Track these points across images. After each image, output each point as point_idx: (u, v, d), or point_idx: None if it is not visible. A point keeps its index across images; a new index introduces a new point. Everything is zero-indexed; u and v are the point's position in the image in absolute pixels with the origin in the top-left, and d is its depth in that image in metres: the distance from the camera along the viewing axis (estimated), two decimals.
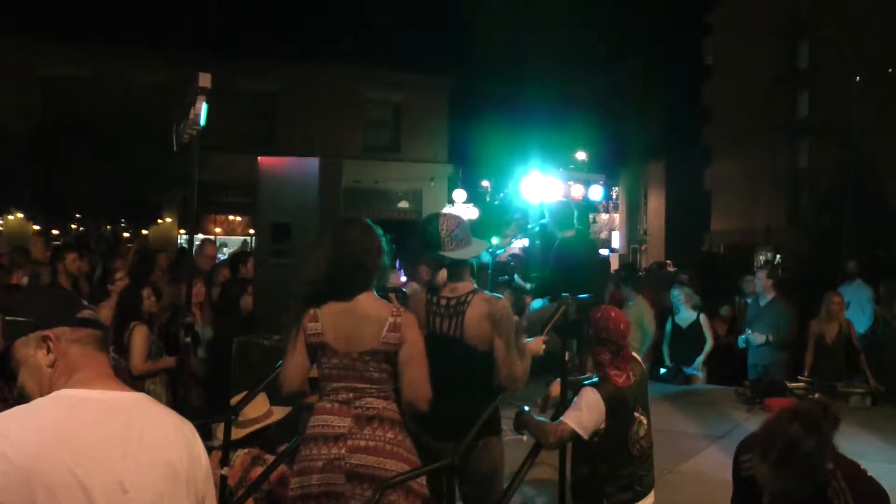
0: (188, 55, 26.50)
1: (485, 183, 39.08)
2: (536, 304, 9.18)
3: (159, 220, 27.56)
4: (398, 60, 30.68)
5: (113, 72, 29.15)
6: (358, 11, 30.50)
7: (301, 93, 30.94)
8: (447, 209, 29.22)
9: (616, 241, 58.11)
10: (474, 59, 34.28)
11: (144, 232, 28.06)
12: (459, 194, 31.06)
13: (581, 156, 46.67)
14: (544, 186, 16.01)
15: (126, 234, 27.25)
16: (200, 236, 23.76)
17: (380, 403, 3.91)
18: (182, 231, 29.99)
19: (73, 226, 26.98)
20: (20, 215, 26.80)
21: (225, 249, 26.97)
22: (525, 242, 15.97)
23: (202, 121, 5.93)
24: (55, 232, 26.65)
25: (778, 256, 34.98)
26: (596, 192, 17.55)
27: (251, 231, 30.18)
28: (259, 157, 7.78)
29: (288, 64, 30.34)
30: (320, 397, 4.02)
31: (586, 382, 4.86)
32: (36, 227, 27.19)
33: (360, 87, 32.04)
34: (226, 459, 4.97)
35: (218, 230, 29.90)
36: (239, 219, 31.62)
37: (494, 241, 12.78)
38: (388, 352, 3.91)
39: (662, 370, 11.34)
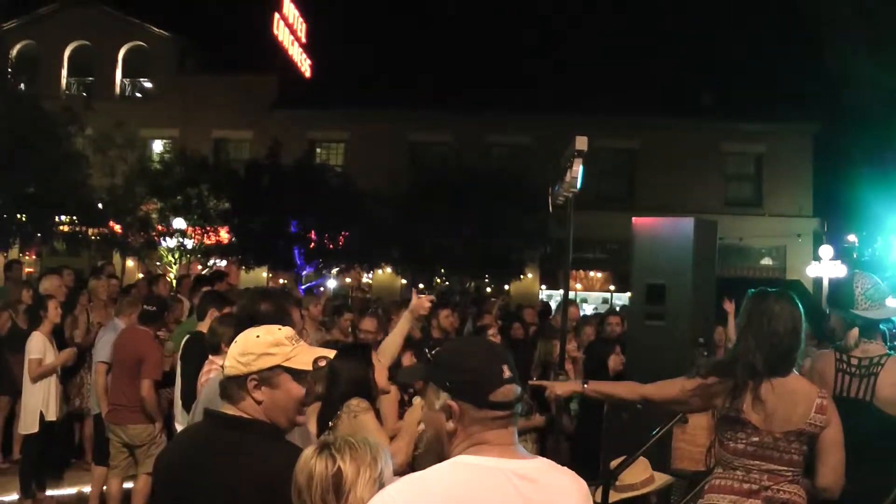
0: (547, 118, 27.41)
1: (851, 237, 36.53)
2: None
3: (521, 276, 28.23)
4: (757, 110, 29.71)
5: (475, 136, 31.20)
6: (713, 63, 29.78)
7: (660, 149, 30.87)
8: (812, 267, 27.80)
9: None
10: (839, 102, 32.27)
11: (507, 287, 28.86)
12: (826, 250, 29.21)
13: None
14: None
15: (489, 290, 28.20)
16: (558, 293, 24.11)
17: (792, 488, 3.77)
18: (543, 287, 30.65)
19: (438, 280, 28.26)
20: (389, 270, 28.58)
21: (584, 305, 27.24)
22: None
23: (579, 183, 5.98)
24: (421, 286, 28.10)
25: None
26: None
27: (610, 287, 30.35)
28: (633, 218, 7.71)
29: (646, 121, 30.42)
30: (717, 469, 3.91)
31: None
32: (403, 282, 28.96)
33: (719, 140, 31.33)
34: None
35: (578, 286, 30.23)
36: (599, 275, 31.99)
37: None
38: (812, 433, 3.76)
39: None
